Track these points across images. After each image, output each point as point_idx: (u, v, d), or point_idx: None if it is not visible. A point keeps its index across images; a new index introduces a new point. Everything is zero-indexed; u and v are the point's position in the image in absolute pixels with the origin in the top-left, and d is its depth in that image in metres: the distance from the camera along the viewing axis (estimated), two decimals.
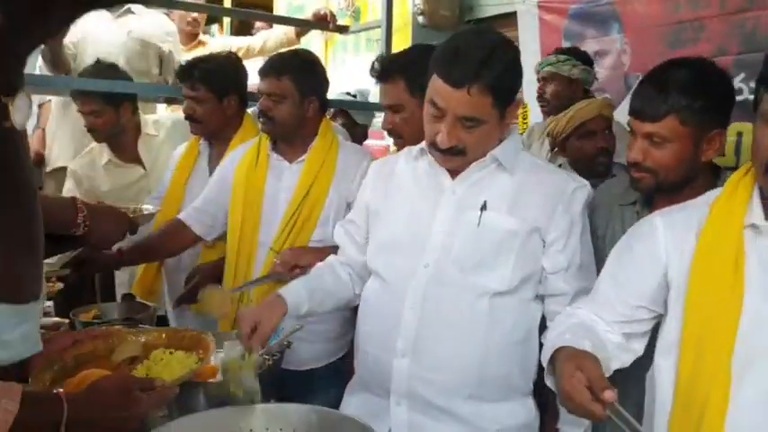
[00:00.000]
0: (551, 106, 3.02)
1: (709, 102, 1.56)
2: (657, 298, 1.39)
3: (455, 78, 1.48)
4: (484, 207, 1.57)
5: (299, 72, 2.24)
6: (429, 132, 1.57)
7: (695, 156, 1.59)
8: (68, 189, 2.98)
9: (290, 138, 2.30)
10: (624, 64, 3.09)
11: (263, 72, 2.27)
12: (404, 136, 1.99)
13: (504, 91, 1.52)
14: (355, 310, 1.84)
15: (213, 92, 2.54)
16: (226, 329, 2.19)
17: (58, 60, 3.15)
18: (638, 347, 1.44)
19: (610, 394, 1.15)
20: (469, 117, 1.51)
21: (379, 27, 3.59)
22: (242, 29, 5.26)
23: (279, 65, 2.26)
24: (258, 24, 4.90)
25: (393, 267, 1.65)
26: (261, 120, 2.29)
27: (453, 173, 1.62)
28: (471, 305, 1.55)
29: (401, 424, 1.59)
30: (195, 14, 4.01)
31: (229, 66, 2.62)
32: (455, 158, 1.57)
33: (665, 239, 1.38)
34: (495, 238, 1.56)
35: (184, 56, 3.63)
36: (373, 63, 2.05)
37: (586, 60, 3.07)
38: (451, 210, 1.60)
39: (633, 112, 1.62)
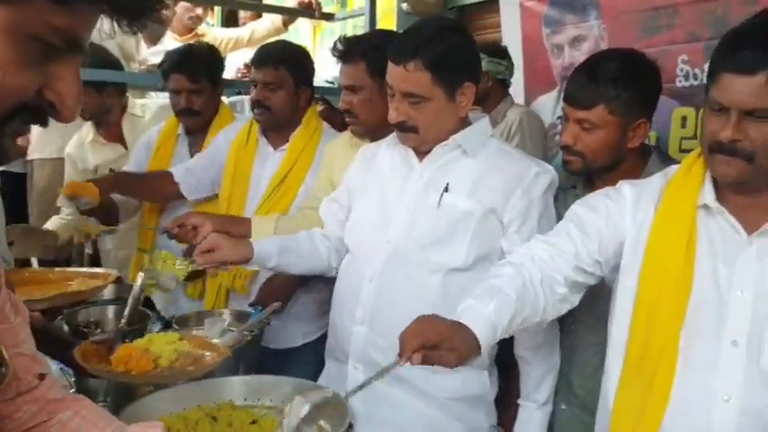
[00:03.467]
0: None
1: (636, 93, 1.66)
2: (610, 261, 1.46)
3: (395, 56, 1.60)
4: (446, 189, 1.66)
5: (295, 62, 2.33)
6: (390, 111, 1.68)
7: (622, 142, 1.68)
8: (68, 172, 3.08)
9: (281, 126, 2.37)
10: (602, 48, 3.15)
11: (259, 61, 2.33)
12: (359, 116, 2.05)
13: (445, 70, 1.59)
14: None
15: (211, 82, 2.60)
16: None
17: None
18: (575, 300, 1.50)
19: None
20: (410, 93, 1.61)
21: (363, 14, 3.65)
22: (232, 20, 5.29)
23: (276, 54, 2.33)
24: (243, 15, 4.93)
25: (361, 243, 1.76)
26: (255, 110, 2.35)
27: (422, 156, 1.71)
28: (425, 280, 1.65)
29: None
30: (199, 11, 4.05)
31: (215, 54, 2.68)
32: (409, 136, 1.67)
33: (630, 209, 1.45)
34: (451, 218, 1.64)
35: (177, 45, 3.68)
36: (335, 43, 2.08)
37: (499, 54, 3.22)
38: (417, 191, 1.69)
39: (566, 99, 1.72)
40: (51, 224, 2.97)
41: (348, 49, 2.03)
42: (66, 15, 0.62)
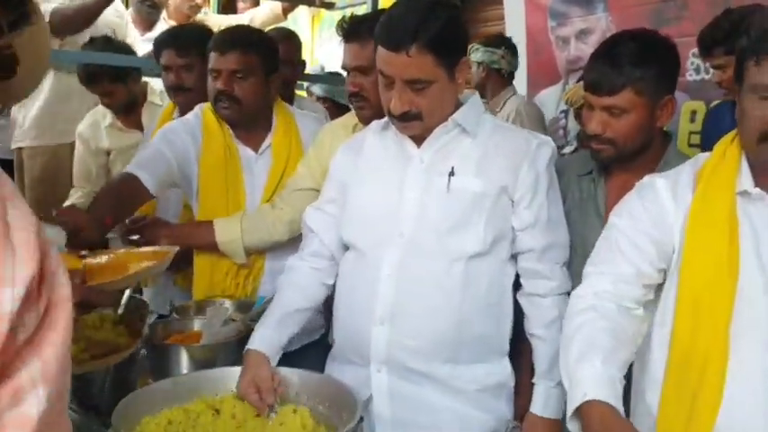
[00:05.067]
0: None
1: (659, 70, 1.63)
2: (669, 260, 1.39)
3: (393, 43, 1.51)
4: (452, 172, 1.59)
5: (266, 47, 2.11)
6: (384, 102, 1.59)
7: (651, 122, 1.66)
8: (79, 150, 2.99)
9: (249, 122, 2.14)
10: None
11: (224, 46, 2.05)
12: (371, 100, 1.87)
13: (446, 49, 1.52)
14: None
15: (201, 56, 2.36)
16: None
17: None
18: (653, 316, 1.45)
19: None
20: (415, 79, 1.52)
21: (365, 2, 3.59)
22: (229, 7, 5.22)
23: (243, 38, 2.10)
24: (242, 5, 4.86)
25: (368, 238, 1.66)
26: (219, 104, 2.08)
27: (418, 140, 1.64)
28: (447, 270, 1.57)
29: (382, 390, 1.61)
30: (199, 0, 3.98)
31: (205, 31, 2.55)
32: (413, 124, 1.59)
33: (670, 202, 1.39)
34: (464, 202, 1.58)
35: None
36: (341, 22, 1.91)
37: (494, 43, 3.17)
38: (420, 178, 1.62)
39: (590, 88, 1.67)
40: None
41: (356, 29, 1.88)
42: None
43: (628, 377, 1.42)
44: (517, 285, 1.66)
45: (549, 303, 1.62)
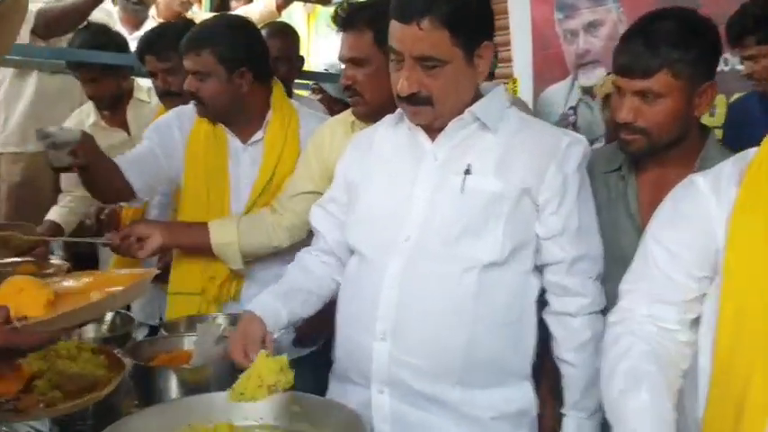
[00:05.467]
0: None
1: (699, 53, 1.50)
2: (714, 264, 1.25)
3: (405, 14, 1.37)
4: (468, 171, 1.44)
5: (221, 42, 1.96)
6: (393, 84, 1.44)
7: (688, 111, 1.52)
8: None
9: (230, 119, 2.07)
10: (621, 34, 2.97)
11: (183, 48, 1.99)
12: (365, 95, 1.77)
13: (464, 26, 1.38)
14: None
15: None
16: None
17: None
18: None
19: None
20: (426, 56, 1.38)
21: None
22: (220, 7, 5.09)
23: (198, 37, 1.98)
24: (234, 3, 4.74)
25: (371, 242, 1.51)
26: (193, 103, 2.06)
27: (433, 135, 1.49)
28: (458, 280, 1.42)
29: (384, 414, 1.46)
30: None
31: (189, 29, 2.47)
32: (422, 109, 1.44)
33: (713, 201, 1.25)
34: (480, 204, 1.43)
35: None
36: (337, 9, 1.82)
37: None
38: (433, 176, 1.47)
39: (621, 70, 1.53)
40: (54, 215, 2.81)
41: (352, 17, 1.77)
42: None
43: None
44: (542, 301, 1.50)
45: (580, 323, 1.46)
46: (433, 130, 1.49)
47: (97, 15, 3.25)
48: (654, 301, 1.30)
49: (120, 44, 2.90)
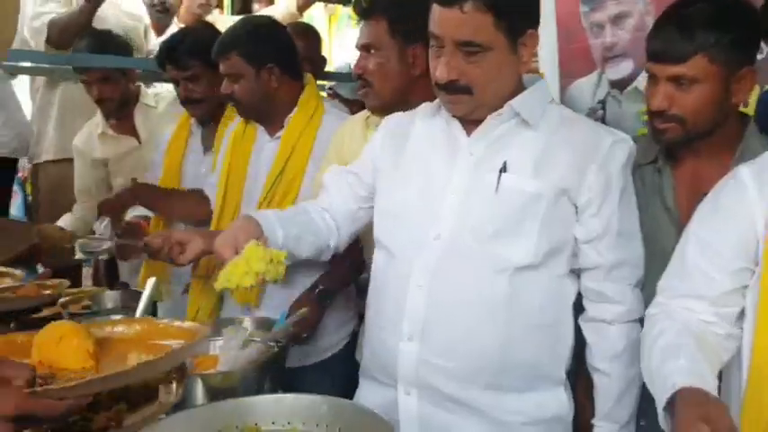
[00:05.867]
0: None
1: (737, 36, 1.44)
2: (754, 256, 1.22)
3: None
4: (504, 169, 1.39)
5: (246, 43, 2.04)
6: (432, 71, 1.40)
7: (725, 98, 1.46)
8: (77, 165, 2.95)
9: (263, 116, 2.12)
10: (648, 25, 2.87)
11: (214, 54, 2.08)
12: (374, 83, 1.79)
13: (508, 11, 1.33)
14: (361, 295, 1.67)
15: (208, 64, 2.32)
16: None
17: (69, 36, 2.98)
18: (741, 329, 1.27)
19: None
20: (468, 41, 1.33)
21: None
22: (242, 10, 5.11)
23: (225, 41, 2.07)
24: (257, 6, 4.75)
25: (400, 238, 1.47)
26: (231, 104, 2.15)
27: (470, 128, 1.44)
28: (490, 282, 1.38)
29: (411, 416, 1.43)
30: None
31: (209, 34, 2.45)
32: (461, 98, 1.39)
33: (752, 187, 1.23)
34: (515, 204, 1.38)
35: None
36: (357, 2, 1.85)
37: None
38: (468, 173, 1.43)
39: (654, 56, 1.48)
40: (65, 222, 2.83)
41: (369, 6, 1.79)
42: None
43: None
44: (579, 306, 1.45)
45: (616, 332, 1.42)
46: (470, 123, 1.44)
47: (122, 20, 3.29)
48: (688, 296, 1.28)
49: (122, 47, 2.91)
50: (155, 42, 3.49)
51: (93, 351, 1.06)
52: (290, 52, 2.13)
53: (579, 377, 1.55)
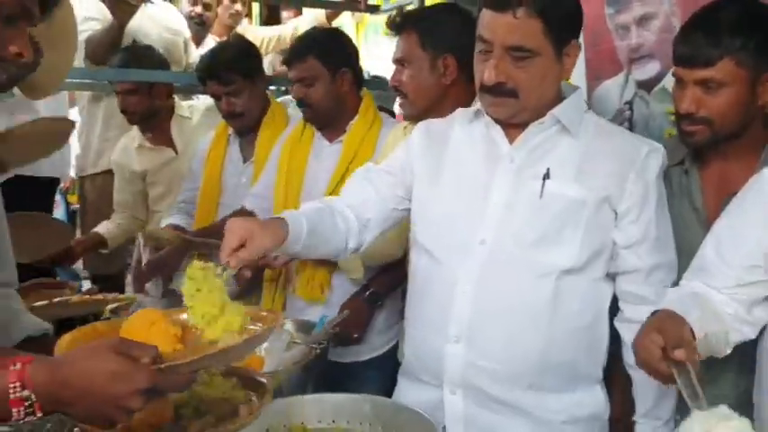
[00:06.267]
0: None
1: (762, 40, 1.46)
2: None
3: (500, 2, 1.37)
4: (547, 176, 1.43)
5: (323, 48, 2.14)
6: (478, 74, 1.44)
7: (752, 101, 1.49)
8: (117, 180, 3.01)
9: (329, 120, 2.20)
10: (674, 26, 2.90)
11: (288, 60, 2.19)
12: (408, 94, 1.89)
13: (558, 19, 1.37)
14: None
15: (247, 78, 2.43)
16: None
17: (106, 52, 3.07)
18: (764, 316, 1.32)
19: (680, 353, 1.10)
20: (518, 46, 1.37)
21: (410, 4, 3.49)
22: (270, 20, 5.19)
23: (300, 47, 2.17)
24: (285, 15, 4.83)
25: (445, 243, 1.51)
26: (300, 109, 2.21)
27: (511, 136, 1.48)
28: (534, 286, 1.41)
29: (457, 416, 1.47)
30: (238, 6, 3.95)
31: (246, 48, 2.52)
32: (506, 102, 1.42)
33: None
34: (559, 210, 1.42)
35: None
36: (392, 17, 1.95)
37: None
38: (510, 179, 1.46)
39: (682, 60, 1.51)
40: (102, 229, 2.93)
41: (401, 21, 1.90)
42: None
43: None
44: (613, 307, 1.49)
45: None
46: (510, 129, 1.48)
47: (163, 35, 3.37)
48: (704, 284, 1.34)
49: (157, 62, 2.96)
50: (195, 56, 3.57)
51: (179, 336, 1.11)
52: (358, 60, 2.24)
53: (614, 375, 1.58)
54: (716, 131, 1.50)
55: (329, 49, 2.14)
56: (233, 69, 2.37)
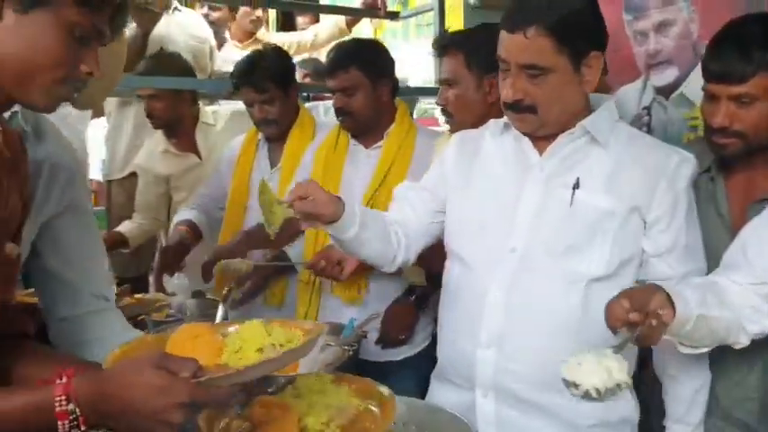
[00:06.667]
0: None
1: None
2: None
3: (513, 23, 1.41)
4: (576, 185, 1.46)
5: (365, 59, 2.20)
6: (500, 91, 1.49)
7: None
8: (141, 184, 3.07)
9: (367, 128, 2.26)
10: (693, 33, 2.94)
11: (330, 69, 2.24)
12: (454, 114, 1.97)
13: (570, 34, 1.39)
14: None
15: (281, 88, 2.47)
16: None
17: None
18: None
19: (634, 316, 1.21)
20: (530, 64, 1.40)
21: (430, 11, 3.54)
22: (286, 25, 5.25)
23: (343, 57, 2.22)
24: (301, 20, 4.88)
25: (476, 251, 1.54)
26: (339, 117, 2.27)
27: (541, 147, 1.52)
28: (564, 294, 1.44)
29: (488, 418, 1.50)
30: (259, 13, 4.00)
31: (282, 58, 2.57)
32: (526, 117, 1.46)
33: None
34: (589, 219, 1.45)
35: (240, 52, 3.62)
36: (435, 38, 2.06)
37: None
38: (540, 188, 1.49)
39: (715, 77, 1.54)
40: (124, 228, 2.98)
41: (446, 42, 1.98)
42: (91, 15, 1.05)
43: None
44: None
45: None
46: (539, 140, 1.51)
47: (189, 42, 3.43)
48: (725, 278, 1.40)
49: (186, 70, 3.01)
50: (219, 62, 3.63)
51: (223, 348, 1.11)
52: (394, 71, 2.30)
53: (644, 380, 1.62)
54: (749, 143, 1.53)
55: (371, 60, 2.21)
56: (268, 78, 2.42)
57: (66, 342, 1.36)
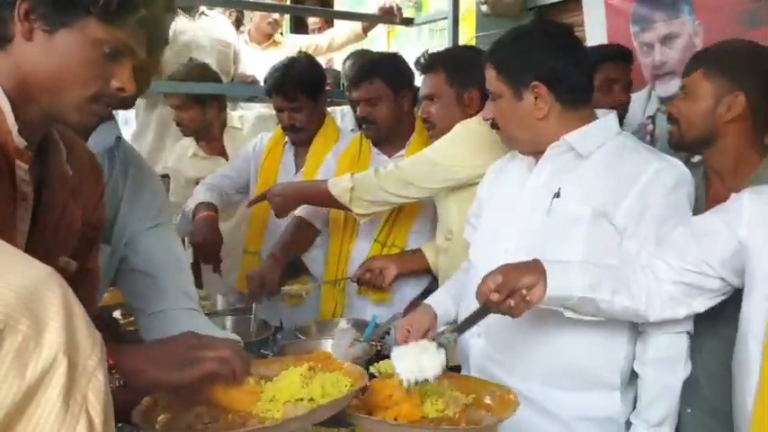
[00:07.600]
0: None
1: None
2: (728, 265, 1.43)
3: (487, 60, 1.72)
4: (557, 194, 1.61)
5: (388, 70, 2.34)
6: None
7: None
8: (172, 186, 3.15)
9: (389, 137, 2.41)
10: (697, 46, 3.07)
11: (354, 80, 2.38)
12: (436, 125, 2.16)
13: (507, 69, 1.65)
14: None
15: (310, 98, 2.58)
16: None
17: None
18: (698, 306, 1.48)
19: (494, 296, 1.38)
20: (491, 91, 1.71)
21: (444, 18, 3.65)
22: (299, 28, 5.33)
23: (368, 69, 2.37)
24: (311, 21, 4.97)
25: (479, 251, 1.76)
26: (362, 126, 2.41)
27: (538, 160, 1.69)
28: None
29: None
30: (276, 16, 4.10)
31: (313, 68, 2.68)
32: (499, 132, 1.75)
33: (748, 213, 1.41)
34: (559, 225, 1.59)
35: (258, 54, 3.73)
36: (419, 58, 2.24)
37: None
38: (530, 196, 1.67)
39: None
40: None
41: (430, 61, 2.17)
42: (118, 31, 1.05)
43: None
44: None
45: (654, 341, 1.55)
46: (538, 154, 1.68)
47: (216, 47, 3.56)
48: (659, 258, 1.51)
49: (213, 77, 3.12)
50: (242, 66, 3.74)
51: (259, 395, 1.13)
52: (414, 81, 2.43)
53: None
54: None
55: (393, 72, 2.36)
56: (299, 87, 2.54)
57: (156, 336, 1.43)
